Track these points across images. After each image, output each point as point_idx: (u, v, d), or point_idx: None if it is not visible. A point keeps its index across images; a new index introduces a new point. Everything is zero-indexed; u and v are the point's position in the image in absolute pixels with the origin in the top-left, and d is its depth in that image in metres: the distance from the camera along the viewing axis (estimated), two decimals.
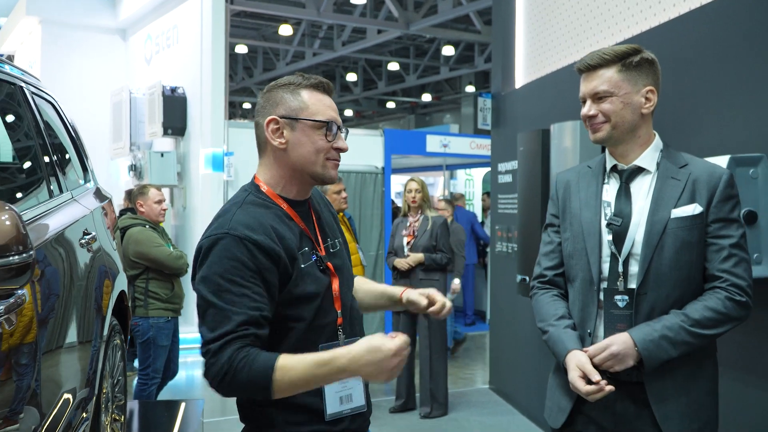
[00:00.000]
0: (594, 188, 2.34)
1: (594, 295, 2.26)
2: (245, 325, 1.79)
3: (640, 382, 2.17)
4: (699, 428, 2.18)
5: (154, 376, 5.25)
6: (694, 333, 2.11)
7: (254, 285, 1.83)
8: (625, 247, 2.22)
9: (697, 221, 2.17)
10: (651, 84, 2.26)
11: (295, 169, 2.00)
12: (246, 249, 1.83)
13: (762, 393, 3.29)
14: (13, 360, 2.02)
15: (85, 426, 2.93)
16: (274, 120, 1.96)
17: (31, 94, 3.09)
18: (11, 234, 1.50)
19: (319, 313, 1.97)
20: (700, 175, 2.21)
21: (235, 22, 17.45)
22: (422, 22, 15.79)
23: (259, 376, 1.76)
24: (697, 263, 2.19)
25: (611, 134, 2.24)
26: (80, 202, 3.33)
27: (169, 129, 9.02)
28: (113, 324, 3.52)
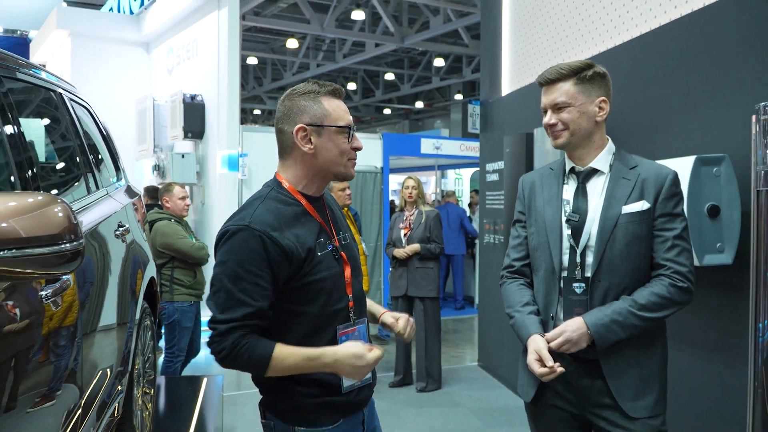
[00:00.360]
0: (555, 188, 2.34)
1: (555, 283, 2.26)
2: (251, 317, 1.86)
3: (598, 360, 2.18)
4: (652, 401, 2.19)
5: (178, 355, 5.26)
6: (641, 316, 2.11)
7: (266, 275, 1.87)
8: (582, 240, 2.22)
9: (645, 216, 2.17)
10: (603, 95, 2.24)
11: (320, 170, 2.02)
12: (262, 243, 1.86)
13: (714, 366, 3.33)
14: (58, 338, 2.03)
15: (120, 397, 2.95)
16: (302, 128, 1.97)
17: (69, 99, 3.10)
18: (64, 224, 1.51)
19: (333, 297, 1.99)
20: (649, 176, 2.20)
21: (247, 36, 17.43)
22: (415, 36, 15.83)
23: (257, 362, 1.86)
24: (645, 254, 2.19)
25: (570, 140, 2.24)
26: (114, 197, 3.32)
27: (189, 133, 8.98)
28: (144, 307, 3.53)
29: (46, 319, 1.92)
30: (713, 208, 3.15)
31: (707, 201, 3.16)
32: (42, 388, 1.88)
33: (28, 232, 1.45)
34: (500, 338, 6.21)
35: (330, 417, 1.98)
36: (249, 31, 16.87)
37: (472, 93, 22.23)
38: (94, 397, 2.44)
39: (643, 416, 2.16)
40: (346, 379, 1.97)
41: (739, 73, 3.25)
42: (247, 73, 22.50)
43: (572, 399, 2.24)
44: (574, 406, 2.25)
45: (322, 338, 1.97)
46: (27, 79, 2.51)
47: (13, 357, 1.70)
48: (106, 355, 2.67)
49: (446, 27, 14.96)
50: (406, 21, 16.01)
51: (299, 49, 18.94)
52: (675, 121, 3.70)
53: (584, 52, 4.79)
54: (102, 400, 2.58)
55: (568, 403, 2.25)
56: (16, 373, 1.69)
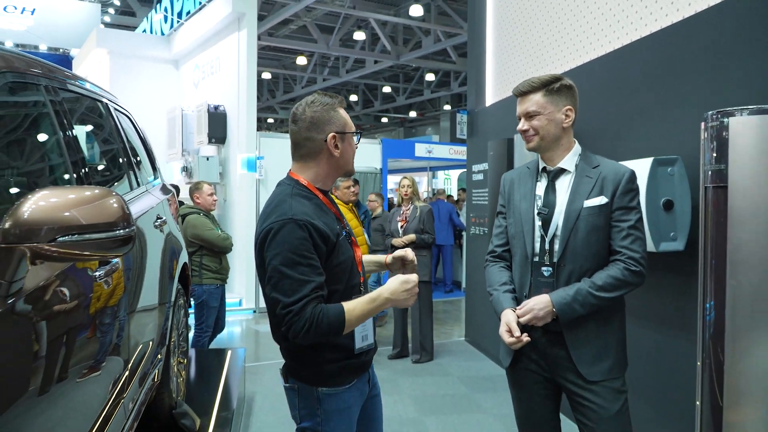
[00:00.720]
0: (530, 185, 2.34)
1: (529, 266, 2.27)
2: (316, 290, 1.87)
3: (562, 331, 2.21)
4: (608, 367, 2.21)
5: (206, 330, 5.28)
6: (598, 296, 2.13)
7: (315, 257, 1.90)
8: (550, 230, 2.23)
9: (603, 209, 2.18)
10: (569, 104, 2.25)
11: (337, 168, 2.08)
12: (306, 230, 1.89)
13: (666, 337, 3.36)
14: (109, 312, 2.07)
15: (160, 365, 2.98)
16: (334, 136, 2.01)
17: (113, 108, 3.13)
18: (119, 213, 1.53)
19: (351, 275, 2.05)
20: (608, 174, 2.22)
21: (261, 54, 17.39)
22: (409, 54, 15.84)
23: (336, 322, 1.86)
24: (603, 242, 2.20)
25: (540, 144, 2.25)
26: (152, 193, 3.32)
27: (212, 138, 9.00)
28: (178, 288, 3.54)
29: (98, 295, 1.97)
30: (668, 202, 3.16)
31: (663, 196, 3.16)
32: (96, 354, 1.93)
33: (87, 220, 1.47)
34: (484, 317, 6.23)
35: (347, 377, 2.02)
36: (264, 49, 16.84)
37: (459, 104, 22.21)
38: (139, 363, 2.48)
39: (598, 380, 2.18)
40: (357, 341, 2.02)
41: (691, 86, 3.25)
42: (261, 87, 22.43)
43: (544, 365, 2.27)
44: (545, 371, 2.28)
45: None
46: (77, 90, 2.55)
47: (75, 327, 1.75)
48: (149, 329, 2.70)
49: (436, 46, 14.97)
50: (401, 41, 16.02)
51: (308, 65, 18.92)
52: (636, 127, 3.71)
53: (558, 68, 4.79)
54: (146, 366, 2.62)
55: (541, 368, 2.29)
56: (73, 343, 1.74)
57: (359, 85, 23.17)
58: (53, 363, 1.57)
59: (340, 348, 2.00)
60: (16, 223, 1.35)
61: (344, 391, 2.02)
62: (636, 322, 3.58)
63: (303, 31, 15.54)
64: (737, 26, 2.96)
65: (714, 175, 2.31)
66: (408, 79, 21.72)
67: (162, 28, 11.10)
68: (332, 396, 2.00)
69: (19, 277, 1.41)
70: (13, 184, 1.77)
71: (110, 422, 2.04)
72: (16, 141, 1.87)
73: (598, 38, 4.29)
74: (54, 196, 1.46)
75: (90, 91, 2.78)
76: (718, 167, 2.29)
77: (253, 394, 4.96)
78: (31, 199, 1.40)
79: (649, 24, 3.72)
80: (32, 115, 2.00)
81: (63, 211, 1.45)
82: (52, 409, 1.58)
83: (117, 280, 2.16)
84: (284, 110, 26.04)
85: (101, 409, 1.97)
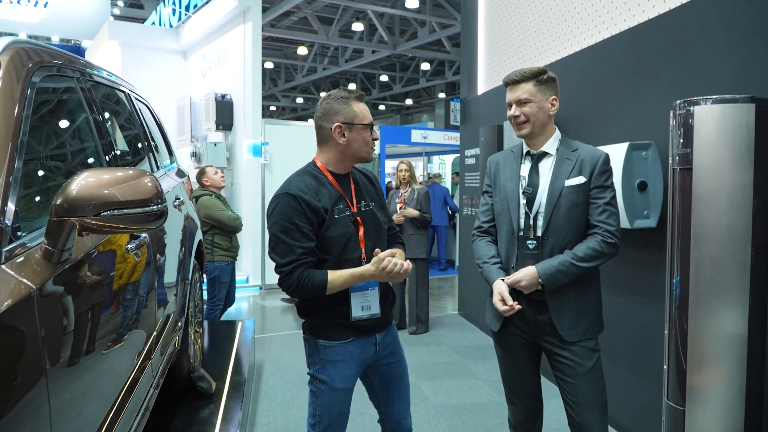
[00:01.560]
0: (515, 167, 2.44)
1: (515, 240, 2.37)
2: (305, 255, 2.11)
3: (545, 301, 2.32)
4: (584, 329, 2.33)
5: (218, 304, 5.41)
6: (579, 266, 2.25)
7: (306, 224, 2.12)
8: (534, 207, 2.34)
9: (582, 188, 2.30)
10: (554, 94, 2.36)
11: (347, 155, 2.26)
12: (298, 203, 2.13)
13: (636, 306, 3.46)
14: (140, 281, 2.21)
15: (180, 332, 3.12)
16: (339, 126, 2.21)
17: (135, 98, 3.25)
18: (153, 191, 1.64)
19: (347, 249, 2.21)
20: (586, 156, 2.33)
21: (264, 44, 17.35)
22: (406, 44, 15.86)
23: (319, 286, 2.12)
24: (582, 217, 2.32)
25: (531, 131, 2.35)
26: (170, 176, 3.45)
27: (220, 125, 9.05)
28: (194, 264, 3.67)
29: (131, 265, 2.12)
30: (642, 183, 3.25)
31: (637, 178, 3.25)
32: (129, 318, 2.08)
33: (125, 197, 1.59)
34: (475, 292, 6.35)
35: (341, 334, 2.24)
36: (266, 40, 16.84)
37: (453, 92, 22.24)
38: (163, 329, 2.63)
39: (575, 340, 2.31)
40: (356, 311, 2.21)
41: (663, 77, 3.33)
42: (264, 76, 22.40)
43: (527, 330, 2.40)
44: (528, 335, 2.41)
45: None
46: (104, 81, 2.67)
47: (113, 293, 1.90)
48: (172, 298, 2.84)
49: (431, 37, 15.01)
50: (397, 32, 16.04)
51: (308, 55, 18.95)
52: (614, 114, 3.78)
53: (544, 60, 4.89)
54: (169, 333, 2.77)
55: (524, 333, 2.41)
56: (111, 306, 1.89)
57: (358, 74, 23.17)
58: (96, 323, 1.73)
59: (330, 310, 2.22)
60: (66, 199, 1.48)
61: (339, 345, 2.23)
62: (613, 292, 3.72)
63: (304, 23, 15.56)
64: (703, 23, 3.05)
65: (681, 159, 2.43)
66: (404, 68, 21.75)
67: (170, 21, 11.13)
68: (328, 348, 2.23)
69: (69, 246, 1.54)
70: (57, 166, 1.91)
71: (141, 378, 2.20)
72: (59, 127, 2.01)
73: (581, 32, 4.37)
74: (97, 176, 1.59)
75: (115, 83, 2.90)
76: (685, 151, 2.41)
77: (262, 362, 5.12)
78: (77, 179, 1.54)
79: (627, 19, 3.82)
80: (70, 103, 2.13)
81: (105, 189, 1.57)
82: (100, 360, 1.73)
83: (145, 253, 2.31)
84: (285, 98, 26.02)
85: (136, 363, 2.13)
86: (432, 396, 4.38)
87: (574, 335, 2.32)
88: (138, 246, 2.21)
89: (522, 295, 2.34)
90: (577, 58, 4.31)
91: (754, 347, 2.34)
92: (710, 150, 2.34)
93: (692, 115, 2.37)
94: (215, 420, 3.18)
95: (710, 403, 2.38)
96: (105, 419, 1.77)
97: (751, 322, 2.32)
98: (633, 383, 3.58)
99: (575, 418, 2.34)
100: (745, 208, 2.30)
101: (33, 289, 1.36)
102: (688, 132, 2.40)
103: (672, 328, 2.51)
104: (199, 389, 3.42)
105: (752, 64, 2.76)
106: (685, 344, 2.43)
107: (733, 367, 2.34)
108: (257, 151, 8.51)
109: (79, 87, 2.20)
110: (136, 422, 2.10)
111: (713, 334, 2.36)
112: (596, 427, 2.30)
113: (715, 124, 2.33)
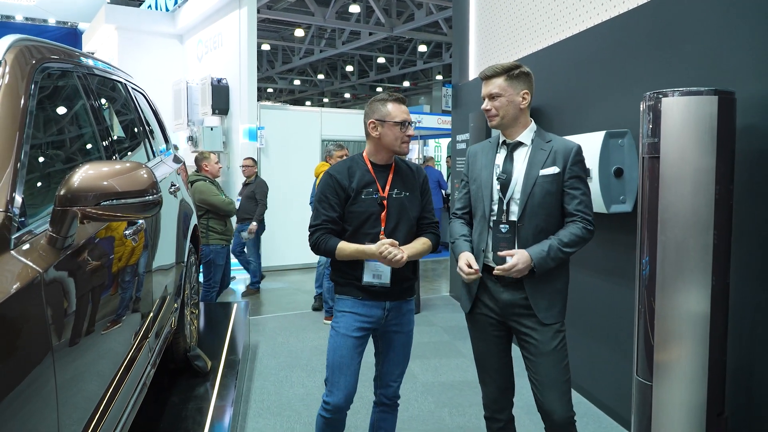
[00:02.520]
0: (491, 156, 2.56)
1: (486, 224, 2.49)
2: (326, 222, 2.61)
3: (519, 281, 2.42)
4: (556, 310, 2.44)
5: (213, 286, 5.56)
6: (565, 251, 2.37)
7: (334, 199, 2.61)
8: (508, 193, 2.45)
9: (556, 178, 2.41)
10: (526, 88, 2.46)
11: (382, 147, 2.65)
12: (332, 179, 2.63)
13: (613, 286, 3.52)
14: (138, 264, 2.34)
15: (176, 314, 3.27)
16: (372, 122, 2.62)
17: (131, 88, 3.35)
18: (149, 182, 1.76)
19: (366, 224, 2.60)
20: (559, 148, 2.43)
21: (261, 26, 17.37)
22: (403, 26, 15.84)
23: (329, 250, 2.59)
24: (555, 204, 2.43)
25: (500, 122, 2.49)
26: (166, 163, 3.53)
27: (216, 109, 9.12)
28: (190, 247, 3.79)
29: (129, 250, 2.26)
30: (618, 170, 3.38)
31: (614, 164, 3.37)
32: (129, 299, 2.22)
33: (123, 187, 1.71)
34: None
35: (353, 291, 2.64)
36: (263, 22, 16.82)
37: (451, 74, 22.21)
38: (160, 309, 2.78)
39: (551, 322, 2.43)
40: (367, 276, 2.60)
41: (639, 67, 3.42)
42: (261, 58, 22.36)
43: (497, 309, 2.52)
44: (498, 315, 2.52)
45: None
46: (102, 74, 2.79)
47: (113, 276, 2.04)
48: (169, 281, 2.98)
49: (428, 18, 14.98)
50: (394, 13, 16.00)
51: (305, 37, 18.87)
52: (593, 103, 3.88)
53: (532, 47, 4.98)
54: (165, 313, 2.91)
55: (494, 313, 2.53)
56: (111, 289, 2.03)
57: (355, 56, 23.10)
58: (96, 304, 1.87)
59: (350, 274, 2.65)
60: (69, 190, 1.60)
61: (350, 299, 2.65)
62: (590, 273, 3.87)
63: (300, 4, 15.51)
64: (677, 16, 3.16)
65: (649, 147, 2.57)
66: (401, 50, 21.69)
67: (167, 4, 11.16)
68: (341, 300, 2.68)
69: (72, 233, 1.68)
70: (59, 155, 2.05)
71: (138, 357, 2.34)
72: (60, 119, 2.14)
73: (567, 20, 4.47)
74: (97, 168, 1.72)
75: (111, 74, 3.01)
76: (653, 140, 2.55)
77: (257, 342, 5.28)
78: (79, 172, 1.67)
79: (609, 9, 3.92)
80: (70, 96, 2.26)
81: (104, 180, 1.71)
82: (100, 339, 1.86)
83: (142, 238, 2.44)
84: (283, 80, 26.01)
85: (134, 342, 2.27)
86: (420, 374, 4.55)
87: (551, 317, 2.43)
88: (135, 232, 2.34)
89: (495, 276, 2.46)
90: (561, 47, 4.40)
91: (717, 325, 2.49)
92: (676, 139, 2.48)
93: (660, 106, 2.50)
94: (210, 397, 3.34)
95: (675, 378, 2.52)
96: (104, 395, 1.90)
97: (714, 300, 2.47)
98: (615, 362, 3.72)
99: (538, 396, 2.46)
100: (708, 193, 2.44)
101: (39, 273, 1.49)
102: (656, 122, 2.53)
103: (641, 306, 2.65)
104: (195, 368, 3.58)
105: (720, 58, 2.88)
106: (653, 322, 2.57)
107: (696, 343, 2.49)
108: (253, 136, 8.61)
109: (78, 81, 2.32)
110: (133, 399, 2.23)
111: (678, 313, 2.51)
112: (557, 403, 2.42)
113: (680, 115, 2.47)
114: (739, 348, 2.71)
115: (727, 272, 2.51)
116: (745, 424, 2.70)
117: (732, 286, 2.57)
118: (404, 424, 3.65)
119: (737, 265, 2.63)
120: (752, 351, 2.67)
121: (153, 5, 11.62)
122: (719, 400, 2.53)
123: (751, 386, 2.69)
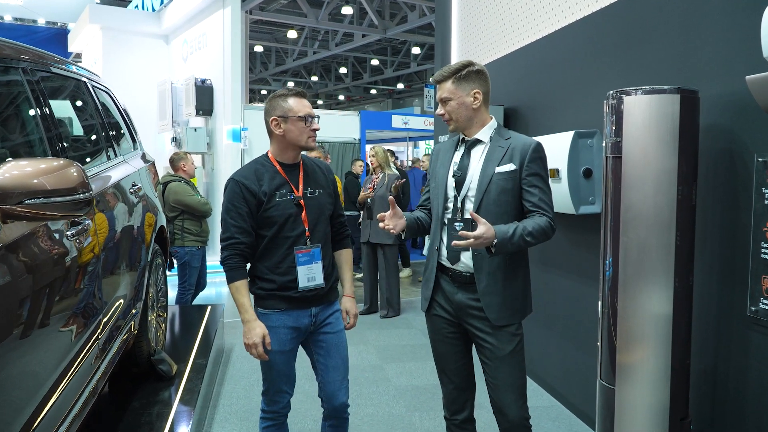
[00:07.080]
0: (450, 154, 2.53)
1: (439, 221, 2.48)
2: (237, 234, 2.46)
3: (472, 282, 2.38)
4: (510, 313, 2.39)
5: (189, 288, 5.49)
6: (527, 240, 2.26)
7: (244, 207, 2.46)
8: (463, 191, 2.41)
9: (512, 175, 2.35)
10: (477, 87, 2.39)
11: (288, 144, 2.54)
12: (239, 187, 2.47)
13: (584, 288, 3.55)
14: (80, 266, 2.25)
15: (136, 318, 3.18)
16: (275, 119, 2.51)
17: (92, 86, 3.29)
18: (78, 180, 1.74)
19: (285, 227, 2.49)
20: (517, 145, 2.37)
21: (254, 28, 17.37)
22: (396, 28, 15.82)
23: (229, 277, 2.48)
24: (511, 202, 2.37)
25: (455, 125, 2.45)
26: (129, 163, 3.48)
27: (200, 110, 9.11)
28: (156, 249, 3.72)
29: (71, 253, 2.20)
30: (587, 170, 3.34)
31: (583, 165, 3.34)
32: (68, 300, 2.14)
33: (52, 185, 1.68)
34: None
35: (276, 304, 2.53)
36: (255, 23, 16.81)
37: None
38: (112, 314, 2.70)
39: (503, 324, 2.38)
40: (301, 281, 2.51)
41: (607, 67, 3.39)
42: (255, 59, 22.37)
43: (451, 310, 2.49)
44: (452, 315, 2.49)
45: (277, 252, 2.50)
46: (59, 72, 2.75)
47: (47, 278, 1.98)
48: (122, 284, 2.87)
49: (422, 20, 14.95)
50: (388, 15, 15.98)
51: (298, 38, 18.89)
52: (563, 103, 3.85)
53: (507, 48, 4.93)
54: (119, 317, 2.84)
55: (448, 313, 2.50)
56: (45, 291, 1.96)
57: (348, 57, 23.09)
58: (22, 308, 1.79)
59: (267, 280, 2.53)
60: None
61: (273, 314, 2.53)
62: (561, 275, 3.83)
63: (293, 6, 15.48)
64: (645, 16, 3.12)
65: (613, 147, 2.53)
66: (395, 52, 21.69)
67: (153, 4, 11.13)
68: (263, 315, 2.53)
69: None
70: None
71: (82, 363, 2.25)
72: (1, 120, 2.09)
73: (542, 20, 4.42)
74: (23, 166, 1.68)
75: (71, 72, 2.96)
76: (616, 140, 2.50)
77: (232, 345, 5.23)
78: (2, 169, 1.63)
79: (583, 9, 3.87)
80: (13, 96, 2.21)
81: (31, 178, 1.67)
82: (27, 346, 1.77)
83: (89, 239, 2.37)
84: (276, 82, 25.99)
85: (72, 350, 2.18)
86: (394, 378, 4.50)
87: (502, 319, 2.38)
88: (80, 232, 2.28)
89: (449, 276, 2.44)
90: (535, 47, 4.38)
91: (679, 327, 2.45)
92: (638, 139, 2.44)
93: (623, 106, 2.46)
94: (173, 401, 3.29)
95: (638, 381, 2.48)
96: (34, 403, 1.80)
97: (676, 301, 2.43)
98: (585, 364, 3.68)
99: (494, 398, 2.44)
100: (670, 193, 2.39)
101: None
102: (618, 121, 2.49)
103: (605, 308, 2.61)
104: (160, 372, 3.52)
105: (685, 56, 2.84)
106: (615, 323, 2.53)
107: (659, 345, 2.44)
108: (237, 137, 8.59)
109: (26, 79, 2.27)
110: (77, 406, 2.14)
111: (641, 314, 2.47)
112: (512, 406, 2.39)
113: (642, 114, 2.42)
114: (703, 351, 2.67)
115: (690, 273, 2.47)
116: (709, 429, 2.65)
117: (695, 288, 2.53)
118: (372, 429, 3.60)
119: (700, 266, 2.59)
120: (716, 354, 2.63)
121: (140, 5, 11.61)
122: (683, 405, 2.48)
123: (715, 390, 2.65)
